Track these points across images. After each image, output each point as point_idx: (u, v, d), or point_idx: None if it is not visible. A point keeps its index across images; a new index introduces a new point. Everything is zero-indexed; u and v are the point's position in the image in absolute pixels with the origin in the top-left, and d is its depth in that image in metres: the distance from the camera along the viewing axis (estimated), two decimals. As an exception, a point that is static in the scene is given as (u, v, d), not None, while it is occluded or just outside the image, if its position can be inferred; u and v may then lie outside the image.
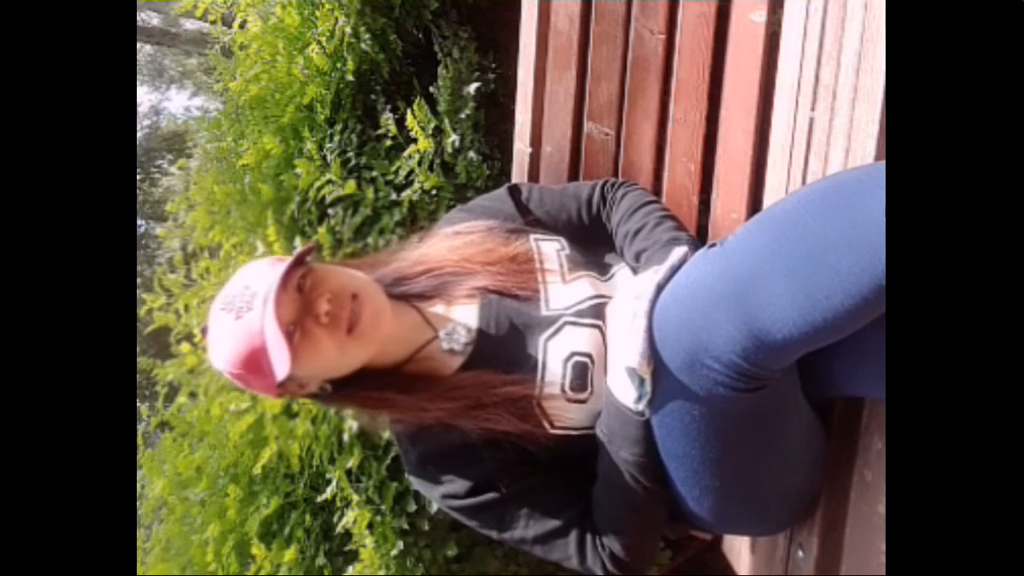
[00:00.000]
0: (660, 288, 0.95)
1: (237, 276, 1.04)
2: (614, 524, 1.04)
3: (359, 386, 1.07)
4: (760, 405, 0.92)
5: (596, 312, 1.08)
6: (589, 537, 1.05)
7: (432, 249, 1.17)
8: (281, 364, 0.93)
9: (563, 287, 1.12)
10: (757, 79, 1.22)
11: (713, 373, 0.88)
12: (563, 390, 1.04)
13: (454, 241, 1.18)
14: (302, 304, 1.00)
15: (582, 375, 1.05)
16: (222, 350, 1.00)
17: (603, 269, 1.19)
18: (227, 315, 0.99)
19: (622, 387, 0.98)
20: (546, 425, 1.04)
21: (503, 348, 1.08)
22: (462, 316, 1.11)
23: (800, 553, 1.17)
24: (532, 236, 1.19)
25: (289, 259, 1.00)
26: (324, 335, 0.99)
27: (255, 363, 0.97)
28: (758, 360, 0.86)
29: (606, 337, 1.06)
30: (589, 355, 1.05)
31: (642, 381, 0.94)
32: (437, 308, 1.13)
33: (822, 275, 0.82)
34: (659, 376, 0.93)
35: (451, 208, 1.52)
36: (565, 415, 1.05)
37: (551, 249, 1.17)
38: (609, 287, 1.15)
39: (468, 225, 1.20)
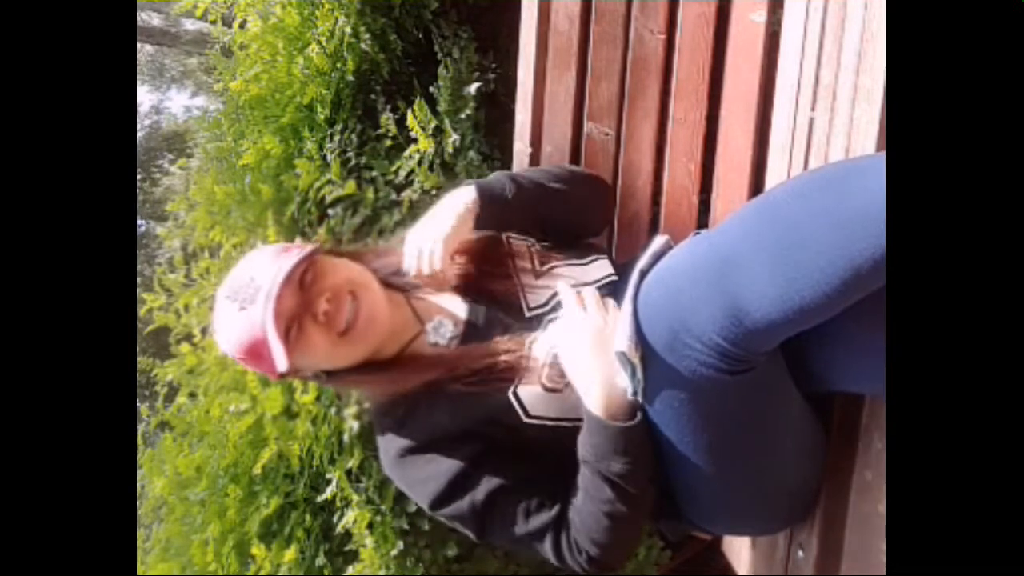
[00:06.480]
0: (643, 274, 0.96)
1: (243, 264, 1.08)
2: (594, 531, 1.02)
3: (348, 372, 1.11)
4: (747, 390, 0.93)
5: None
6: (565, 540, 1.04)
7: None
8: (280, 361, 1.01)
9: (536, 283, 1.13)
10: (757, 79, 1.22)
11: (695, 353, 0.89)
12: (540, 379, 1.04)
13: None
14: (302, 300, 1.04)
15: (560, 366, 1.04)
16: (226, 336, 1.06)
17: (583, 252, 1.19)
18: (231, 304, 1.04)
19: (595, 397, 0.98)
20: (520, 414, 1.04)
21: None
22: (450, 307, 1.14)
23: (800, 553, 1.17)
24: (504, 236, 1.21)
25: (293, 259, 1.03)
26: (319, 335, 1.04)
27: (256, 352, 1.03)
28: (738, 341, 0.87)
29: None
30: None
31: (634, 370, 0.94)
32: (427, 300, 1.15)
33: (801, 256, 0.84)
34: (647, 361, 0.94)
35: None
36: (540, 404, 1.04)
37: (522, 246, 1.19)
38: (585, 271, 1.16)
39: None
